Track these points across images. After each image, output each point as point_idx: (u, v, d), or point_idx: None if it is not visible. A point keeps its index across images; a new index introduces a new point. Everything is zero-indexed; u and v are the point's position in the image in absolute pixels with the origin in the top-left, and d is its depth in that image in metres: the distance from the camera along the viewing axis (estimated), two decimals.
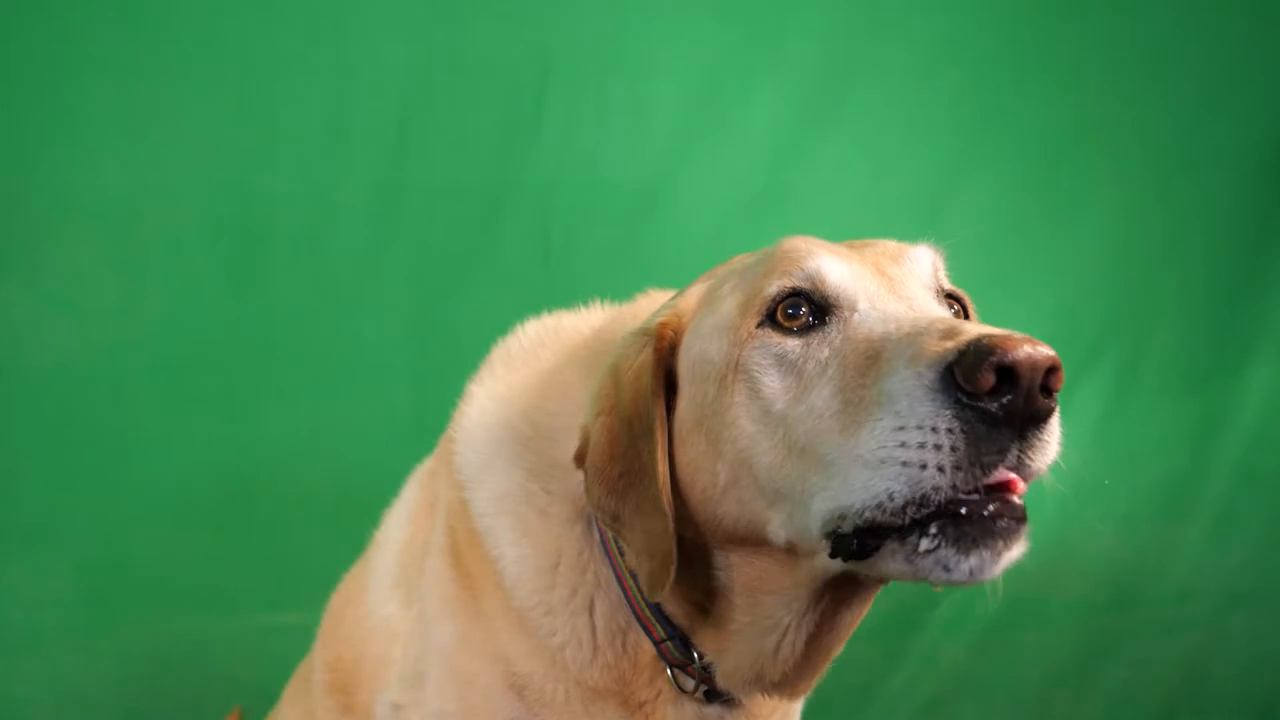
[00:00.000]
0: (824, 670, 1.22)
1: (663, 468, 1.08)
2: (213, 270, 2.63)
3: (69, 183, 2.57)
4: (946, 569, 0.90)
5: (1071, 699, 2.76)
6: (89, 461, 2.57)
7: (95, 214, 2.59)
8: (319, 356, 2.66)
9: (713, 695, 1.25)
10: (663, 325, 1.15)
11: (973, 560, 0.89)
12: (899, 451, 0.87)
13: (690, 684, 1.23)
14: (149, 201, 2.60)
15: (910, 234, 3.24)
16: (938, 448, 0.86)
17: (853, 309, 1.02)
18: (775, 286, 1.05)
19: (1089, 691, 2.77)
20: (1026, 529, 0.92)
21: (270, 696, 1.87)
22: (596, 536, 1.25)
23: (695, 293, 1.18)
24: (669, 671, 1.23)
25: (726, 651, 1.17)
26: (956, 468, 0.86)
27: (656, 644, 1.22)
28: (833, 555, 0.98)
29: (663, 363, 1.13)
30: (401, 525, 1.49)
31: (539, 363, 1.38)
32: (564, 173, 2.74)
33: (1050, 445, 0.93)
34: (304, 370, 2.66)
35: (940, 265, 1.14)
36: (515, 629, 1.26)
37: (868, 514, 0.91)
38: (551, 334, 1.42)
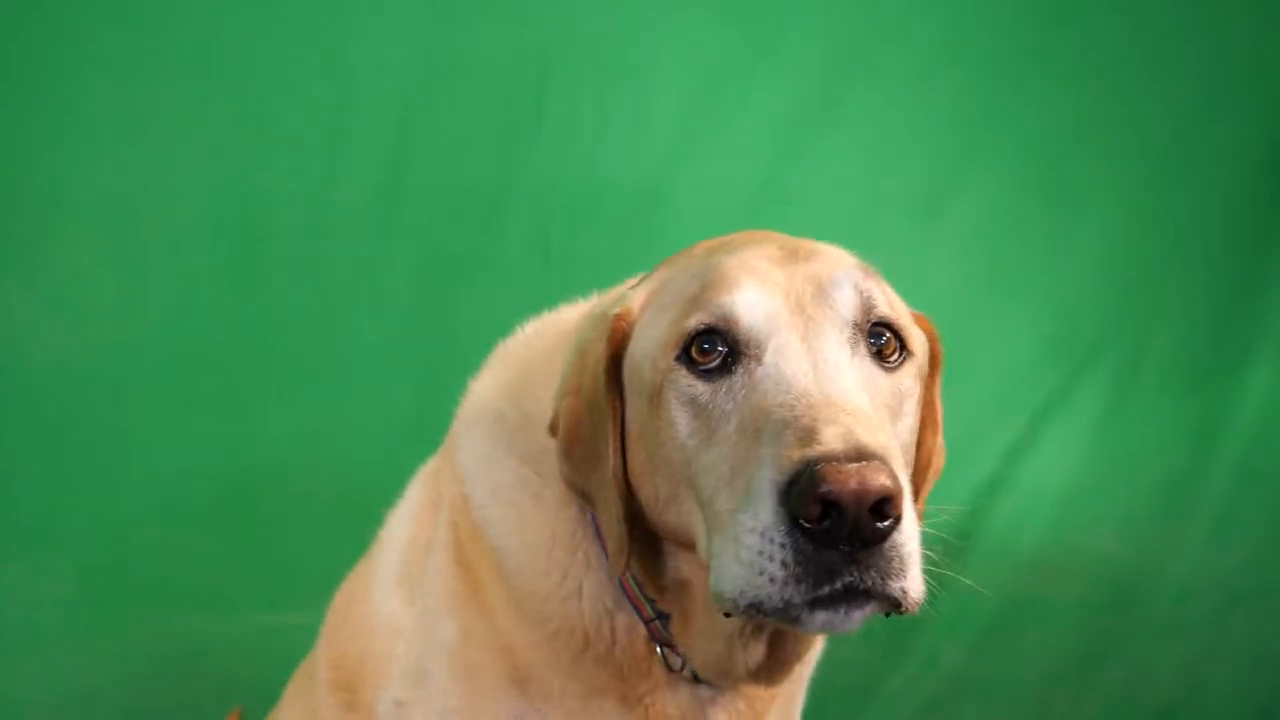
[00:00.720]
0: (798, 665, 1.25)
1: (615, 461, 1.12)
2: (213, 270, 2.63)
3: (69, 183, 2.57)
4: (803, 624, 0.95)
5: (1071, 699, 2.76)
6: (89, 461, 2.57)
7: (95, 214, 2.59)
8: (319, 356, 2.66)
9: (700, 678, 1.26)
10: (617, 319, 1.16)
11: (821, 617, 0.94)
12: (746, 553, 0.93)
13: (679, 662, 1.24)
14: (149, 201, 2.60)
15: (911, 234, 3.24)
16: (772, 559, 0.92)
17: (759, 359, 1.03)
18: (693, 321, 1.06)
19: (1089, 691, 2.77)
20: (875, 602, 0.95)
21: (270, 696, 1.87)
22: (589, 516, 1.27)
23: (646, 289, 1.19)
24: (658, 650, 1.24)
25: (694, 648, 1.20)
26: (786, 582, 0.91)
27: (646, 622, 1.23)
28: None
29: (615, 357, 1.15)
30: (405, 524, 1.50)
31: (531, 354, 1.40)
32: (564, 173, 2.74)
33: (899, 567, 0.93)
34: (304, 370, 2.66)
35: (873, 292, 1.11)
36: (517, 620, 1.27)
37: (728, 604, 0.97)
38: (548, 326, 1.43)
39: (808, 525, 0.89)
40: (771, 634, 1.18)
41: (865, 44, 2.93)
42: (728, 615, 1.03)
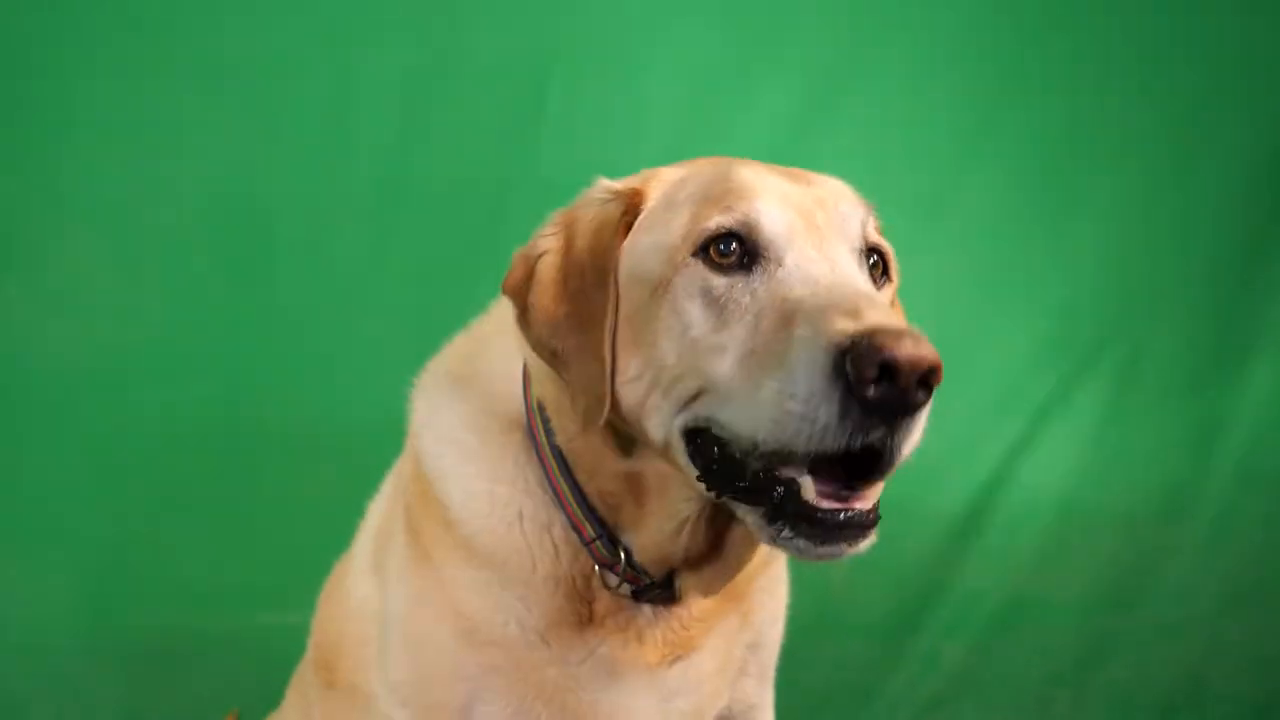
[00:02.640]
0: (737, 573, 1.29)
1: (611, 320, 1.16)
2: (213, 270, 2.63)
3: (69, 183, 2.57)
4: (802, 551, 1.02)
5: (1071, 699, 2.76)
6: (89, 461, 2.57)
7: (96, 214, 2.59)
8: (319, 356, 2.66)
9: (639, 595, 1.29)
10: (635, 192, 1.22)
11: (824, 549, 1.01)
12: (780, 411, 0.98)
13: (614, 580, 1.28)
14: (149, 202, 2.60)
15: (911, 234, 3.23)
16: (814, 421, 0.96)
17: (779, 263, 1.10)
18: (714, 223, 1.12)
19: (1089, 691, 2.77)
20: (875, 529, 1.03)
21: (270, 696, 1.87)
22: (530, 442, 1.31)
23: (663, 181, 1.25)
24: (596, 569, 1.28)
25: (640, 528, 1.24)
26: (823, 437, 0.96)
27: (586, 544, 1.27)
28: (692, 462, 1.09)
29: (626, 225, 1.20)
30: (377, 512, 1.56)
31: (486, 328, 1.46)
32: (564, 173, 2.74)
33: (915, 433, 1.00)
34: (304, 369, 2.66)
35: (869, 218, 1.20)
36: (465, 565, 1.31)
37: (736, 442, 1.03)
38: (504, 304, 1.46)
39: (861, 388, 0.94)
40: (718, 529, 1.23)
41: (865, 45, 2.93)
42: (703, 479, 1.07)
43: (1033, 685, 2.78)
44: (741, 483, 1.04)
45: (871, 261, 1.19)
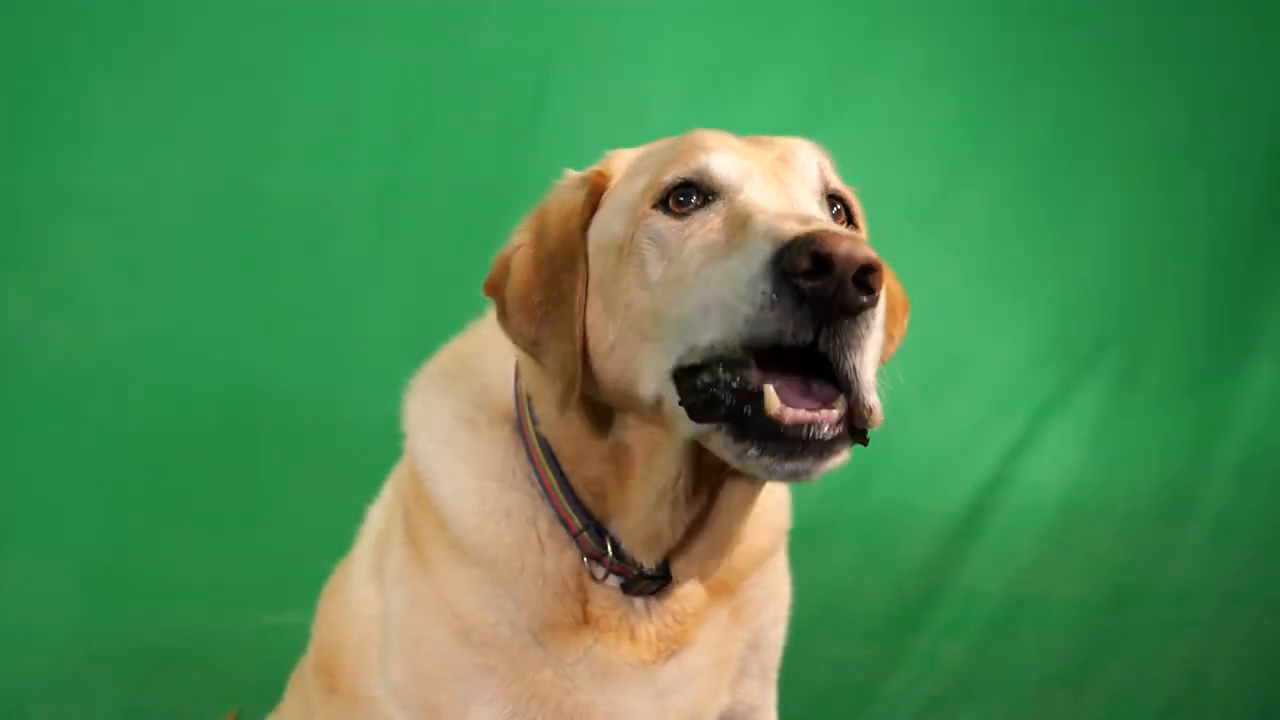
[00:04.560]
0: (727, 553, 1.29)
1: (580, 297, 1.18)
2: (214, 269, 2.63)
3: (70, 182, 2.57)
4: (769, 470, 1.01)
5: (1071, 699, 2.75)
6: (89, 461, 2.57)
7: (96, 214, 2.59)
8: (319, 355, 2.66)
9: (628, 588, 1.30)
10: (598, 175, 1.26)
11: (790, 465, 1.00)
12: (724, 296, 1.00)
13: (601, 572, 1.28)
14: (150, 201, 2.61)
15: (911, 234, 3.21)
16: (752, 302, 0.98)
17: (738, 193, 1.14)
18: (670, 175, 1.16)
19: (1089, 691, 2.77)
20: (846, 445, 1.02)
21: (270, 696, 1.87)
22: (520, 436, 1.33)
23: (626, 159, 1.29)
24: (585, 561, 1.29)
25: (626, 510, 1.25)
26: (758, 323, 0.98)
27: (574, 535, 1.28)
28: (680, 403, 1.09)
29: (591, 206, 1.24)
30: (378, 517, 1.57)
31: (481, 329, 1.48)
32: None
33: (864, 350, 1.00)
34: (304, 369, 2.66)
35: (827, 165, 1.23)
36: (457, 563, 1.31)
37: (699, 352, 1.04)
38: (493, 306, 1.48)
39: (795, 278, 0.96)
40: (702, 504, 1.23)
41: (867, 43, 2.93)
42: (681, 398, 1.06)
43: (1033, 685, 2.78)
44: (721, 409, 1.04)
45: (835, 210, 1.22)
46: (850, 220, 1.24)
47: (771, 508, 1.47)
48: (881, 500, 2.87)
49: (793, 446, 0.99)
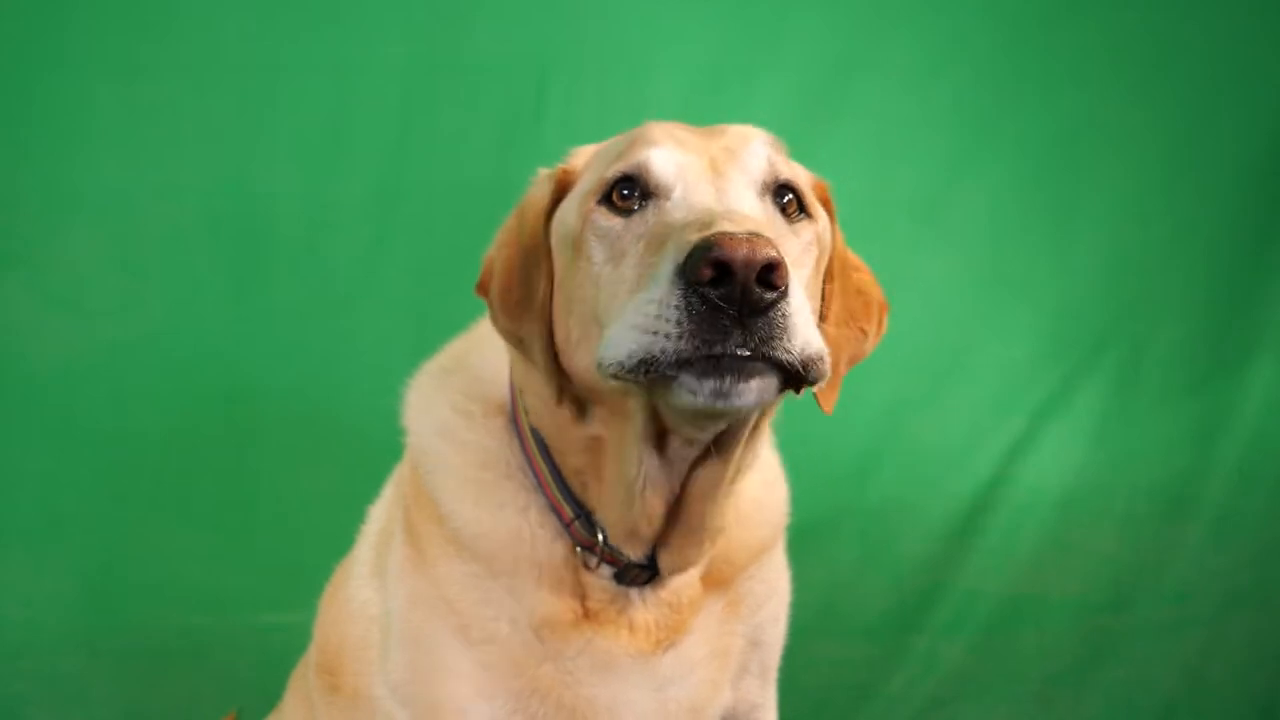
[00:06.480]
0: (706, 541, 1.30)
1: (545, 289, 1.22)
2: (213, 269, 2.63)
3: (69, 182, 2.57)
4: (693, 391, 1.02)
5: (1071, 699, 2.76)
6: (89, 461, 2.57)
7: (96, 213, 2.59)
8: (319, 355, 2.66)
9: (620, 578, 1.31)
10: (563, 171, 1.30)
11: (709, 383, 1.01)
12: (641, 319, 1.02)
13: (593, 561, 1.30)
14: (150, 201, 2.60)
15: (911, 234, 3.21)
16: (667, 320, 1.00)
17: (668, 197, 1.15)
18: (612, 170, 1.19)
19: (1089, 691, 2.77)
20: (766, 371, 1.01)
21: (270, 696, 1.87)
22: (514, 428, 1.35)
23: (588, 155, 1.32)
24: (577, 550, 1.30)
25: (604, 504, 1.27)
26: (680, 338, 0.99)
27: (566, 525, 1.30)
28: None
29: (556, 202, 1.28)
30: (379, 516, 1.58)
31: (479, 326, 1.51)
32: None
33: (786, 334, 1.00)
34: (304, 369, 2.66)
35: (777, 155, 1.23)
36: (454, 559, 1.33)
37: (615, 366, 1.05)
38: None
39: (701, 289, 0.97)
40: (670, 498, 1.24)
41: (866, 42, 2.93)
42: (615, 378, 1.08)
43: (1033, 685, 2.78)
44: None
45: (785, 199, 1.22)
46: (802, 209, 1.24)
47: (769, 504, 1.48)
48: (882, 499, 2.87)
49: (707, 364, 1.00)
